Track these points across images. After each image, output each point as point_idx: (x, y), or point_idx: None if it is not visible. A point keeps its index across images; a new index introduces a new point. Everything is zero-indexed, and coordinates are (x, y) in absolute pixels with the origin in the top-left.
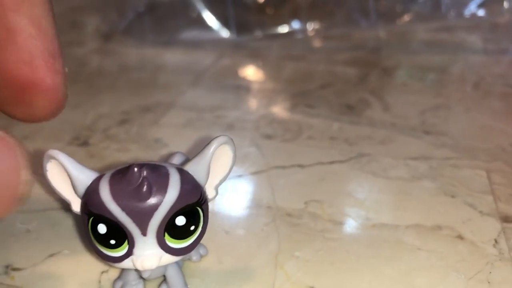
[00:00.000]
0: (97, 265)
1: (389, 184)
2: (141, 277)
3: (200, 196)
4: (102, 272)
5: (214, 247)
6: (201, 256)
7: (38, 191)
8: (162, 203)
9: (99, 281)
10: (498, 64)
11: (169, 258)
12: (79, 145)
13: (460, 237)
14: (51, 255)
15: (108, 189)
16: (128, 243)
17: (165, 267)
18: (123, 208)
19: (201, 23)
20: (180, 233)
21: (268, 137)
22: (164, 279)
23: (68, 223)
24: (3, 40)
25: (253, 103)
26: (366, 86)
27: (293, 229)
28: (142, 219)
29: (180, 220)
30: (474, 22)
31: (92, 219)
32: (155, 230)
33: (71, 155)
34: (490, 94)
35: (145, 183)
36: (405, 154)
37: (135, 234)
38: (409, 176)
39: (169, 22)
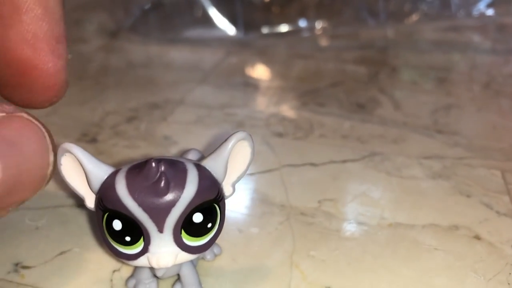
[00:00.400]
0: (109, 264)
1: (404, 183)
2: (154, 276)
3: (218, 193)
4: (114, 271)
5: (228, 246)
6: (215, 255)
7: (47, 187)
8: (180, 199)
9: (111, 280)
10: (507, 64)
11: (185, 256)
12: (88, 141)
13: (478, 237)
14: (62, 253)
15: (124, 184)
16: (144, 240)
17: (180, 265)
18: (140, 204)
19: (207, 21)
20: (197, 230)
21: (279, 135)
22: (178, 278)
23: (78, 220)
24: (8, 18)
25: (262, 101)
26: (376, 84)
27: (307, 228)
28: (159, 215)
29: (198, 217)
30: (483, 22)
31: (107, 215)
32: (172, 226)
33: None
34: (501, 94)
35: (163, 178)
36: (418, 153)
37: (151, 230)
38: (423, 175)
39: (175, 20)
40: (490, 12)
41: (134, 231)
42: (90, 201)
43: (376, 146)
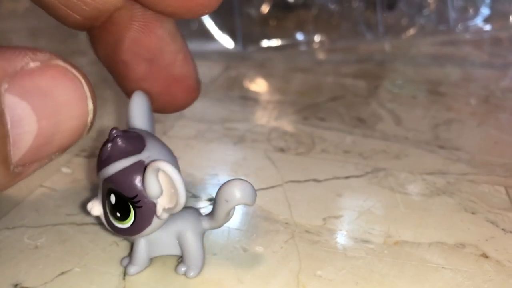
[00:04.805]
0: (111, 284)
1: (408, 199)
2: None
3: (134, 197)
4: None
5: (233, 266)
6: (184, 274)
7: (46, 204)
8: (104, 169)
9: None
10: (505, 78)
11: (105, 222)
12: (87, 157)
13: (485, 255)
14: (62, 273)
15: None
16: None
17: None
18: (98, 154)
19: (205, 34)
20: (110, 209)
21: (281, 150)
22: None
23: (79, 239)
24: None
25: (262, 115)
26: (376, 99)
27: (313, 246)
28: (97, 168)
29: (112, 198)
30: (479, 37)
31: None
32: (101, 184)
33: (78, 167)
34: (501, 108)
35: (109, 144)
36: (421, 169)
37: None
38: (427, 192)
39: None
40: (487, 27)
41: None
42: None
43: (379, 161)
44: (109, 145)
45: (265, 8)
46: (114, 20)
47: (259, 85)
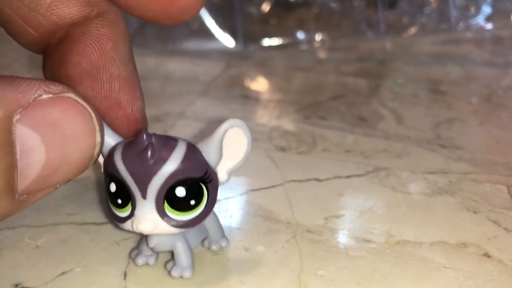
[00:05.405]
0: (112, 284)
1: (409, 199)
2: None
3: (206, 173)
4: None
5: (234, 266)
6: (221, 248)
7: (46, 203)
8: (161, 169)
9: None
10: (506, 76)
11: (166, 228)
12: None
13: (487, 255)
14: (63, 273)
15: (120, 150)
16: (131, 205)
17: (174, 242)
18: (128, 168)
19: (206, 33)
20: (179, 204)
21: (282, 149)
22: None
23: (80, 238)
24: None
25: (263, 114)
26: (377, 97)
27: (314, 246)
28: (143, 181)
29: (180, 191)
30: (481, 35)
31: (108, 178)
32: (154, 195)
33: None
34: (502, 107)
35: (150, 148)
36: (423, 168)
37: (137, 196)
38: (429, 191)
39: (173, 32)
40: (488, 25)
41: (125, 194)
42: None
43: (380, 160)
44: (150, 151)
45: (265, 7)
46: (67, 36)
47: (260, 84)
